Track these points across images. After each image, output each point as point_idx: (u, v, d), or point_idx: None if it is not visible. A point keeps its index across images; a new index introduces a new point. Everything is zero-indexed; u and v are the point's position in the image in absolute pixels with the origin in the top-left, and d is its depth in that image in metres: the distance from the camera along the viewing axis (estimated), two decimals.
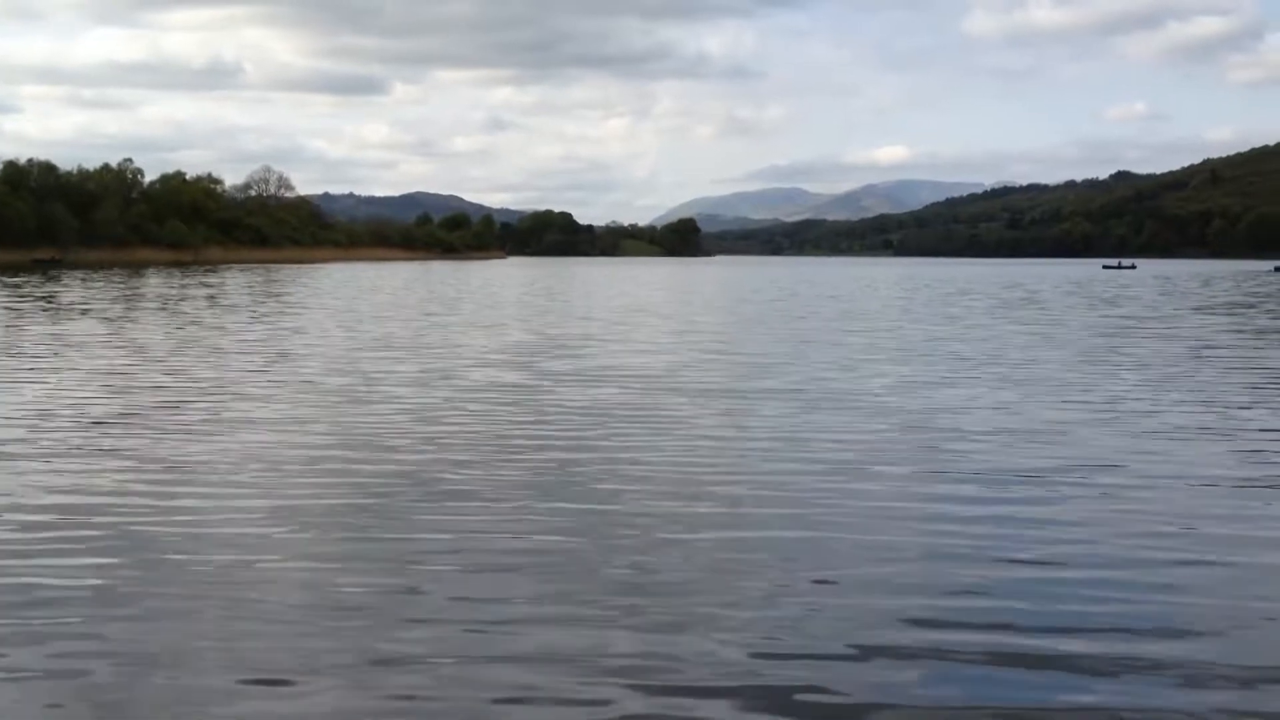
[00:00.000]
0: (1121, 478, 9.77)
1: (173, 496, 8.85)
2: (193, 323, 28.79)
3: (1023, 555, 7.34)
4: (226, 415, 13.06)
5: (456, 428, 12.32)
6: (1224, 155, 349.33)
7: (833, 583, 6.71)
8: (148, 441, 11.29)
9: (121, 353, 20.50)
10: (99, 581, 6.69)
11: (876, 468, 10.17)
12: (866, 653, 5.60)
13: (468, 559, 7.19)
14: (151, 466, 10.04)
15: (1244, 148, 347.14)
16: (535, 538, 7.71)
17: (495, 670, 5.37)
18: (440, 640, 5.75)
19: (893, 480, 9.64)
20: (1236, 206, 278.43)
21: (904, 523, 8.20)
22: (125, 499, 8.77)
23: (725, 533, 7.88)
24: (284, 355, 20.47)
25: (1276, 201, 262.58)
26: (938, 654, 5.59)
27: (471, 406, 13.99)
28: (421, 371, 17.99)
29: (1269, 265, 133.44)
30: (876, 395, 15.27)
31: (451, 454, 10.75)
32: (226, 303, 39.36)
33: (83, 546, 7.44)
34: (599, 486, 9.33)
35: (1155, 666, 5.44)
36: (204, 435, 11.68)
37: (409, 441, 11.41)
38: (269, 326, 28.06)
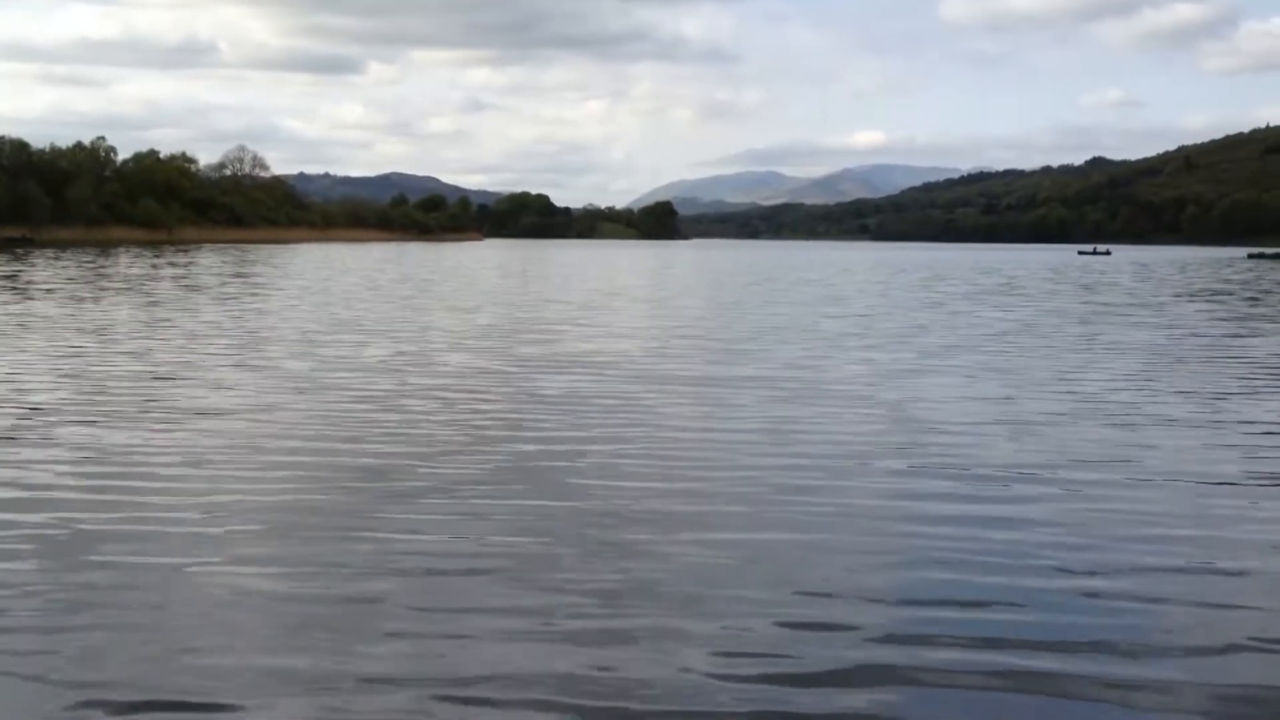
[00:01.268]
0: (1105, 474, 9.52)
1: (118, 491, 8.43)
2: (157, 304, 28.24)
3: (1004, 560, 7.05)
4: (183, 403, 12.62)
5: (424, 417, 11.94)
6: (1198, 142, 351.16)
7: (807, 586, 6.43)
8: (96, 430, 10.85)
9: (79, 334, 19.97)
10: (34, 584, 6.28)
11: (854, 463, 9.88)
12: (838, 665, 5.32)
13: (430, 563, 6.83)
14: (97, 457, 9.62)
15: (1218, 134, 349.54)
16: (501, 539, 7.36)
17: (455, 685, 5.04)
18: (399, 654, 5.40)
19: (870, 477, 9.33)
20: (1210, 193, 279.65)
21: (880, 523, 7.91)
22: (66, 493, 8.34)
23: (699, 535, 7.53)
24: (248, 339, 20.00)
25: (1249, 189, 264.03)
26: (911, 666, 5.32)
27: (440, 394, 13.61)
28: (391, 356, 17.60)
29: (1243, 252, 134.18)
30: (855, 384, 15.01)
31: (417, 446, 10.38)
32: (194, 283, 38.76)
33: (18, 544, 7.02)
34: (569, 482, 8.98)
35: (1130, 676, 5.19)
36: (158, 424, 11.24)
37: (374, 432, 11.02)
38: (235, 308, 27.54)
